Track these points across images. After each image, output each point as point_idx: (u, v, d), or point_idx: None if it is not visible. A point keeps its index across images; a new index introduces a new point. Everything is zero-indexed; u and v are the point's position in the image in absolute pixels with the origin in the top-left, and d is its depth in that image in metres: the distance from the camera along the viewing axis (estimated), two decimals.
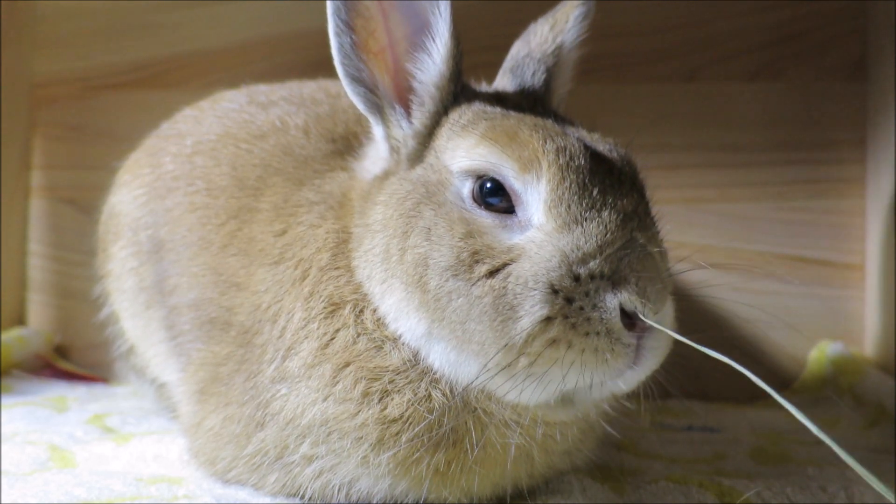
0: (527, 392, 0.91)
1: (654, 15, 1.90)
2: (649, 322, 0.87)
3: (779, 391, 1.86)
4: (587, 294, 0.87)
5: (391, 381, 0.97)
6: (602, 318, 0.86)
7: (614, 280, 0.87)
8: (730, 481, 1.12)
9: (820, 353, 1.81)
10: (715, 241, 1.86)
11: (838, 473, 1.15)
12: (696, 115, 1.89)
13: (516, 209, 0.93)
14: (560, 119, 1.04)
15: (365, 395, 0.96)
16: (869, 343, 1.82)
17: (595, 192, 0.91)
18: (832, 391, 1.72)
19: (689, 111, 1.89)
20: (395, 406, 0.96)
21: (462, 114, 1.02)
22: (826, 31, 1.87)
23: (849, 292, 1.85)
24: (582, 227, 0.89)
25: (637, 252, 0.89)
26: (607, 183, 0.93)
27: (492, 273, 0.90)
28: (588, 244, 0.88)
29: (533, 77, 1.14)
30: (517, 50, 1.18)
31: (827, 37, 1.87)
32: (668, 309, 0.92)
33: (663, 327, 0.89)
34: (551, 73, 1.15)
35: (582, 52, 1.20)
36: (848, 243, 1.85)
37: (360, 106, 1.04)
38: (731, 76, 1.89)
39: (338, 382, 0.97)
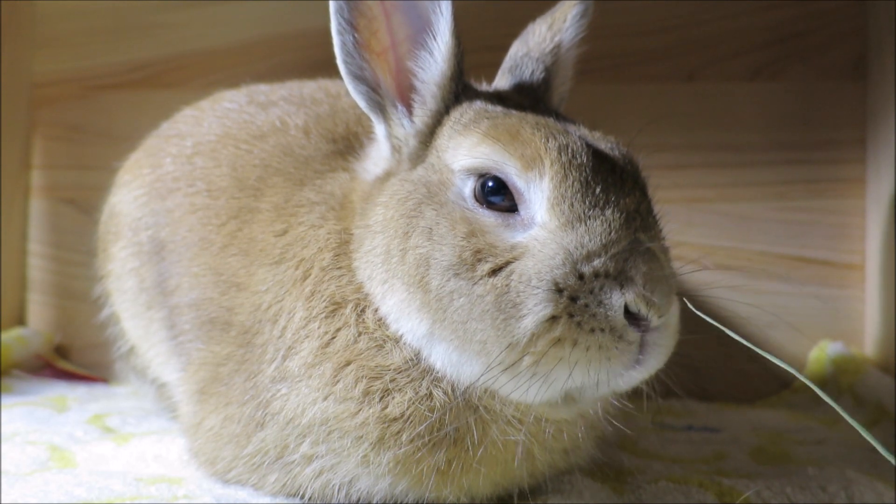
0: (531, 391, 0.91)
1: (654, 15, 1.90)
2: (655, 324, 0.87)
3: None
4: (592, 292, 0.87)
5: (392, 380, 0.96)
6: (607, 315, 0.86)
7: (620, 280, 0.87)
8: (730, 481, 1.12)
9: (820, 352, 1.81)
10: (715, 241, 1.87)
11: (838, 473, 1.15)
12: (696, 115, 1.89)
13: (519, 207, 0.93)
14: (561, 118, 1.04)
15: (366, 393, 0.96)
16: (869, 343, 1.82)
17: (598, 191, 0.91)
18: (832, 391, 1.72)
19: (689, 111, 1.89)
20: (396, 405, 0.96)
21: (463, 113, 1.02)
22: (826, 31, 1.87)
23: (849, 292, 1.85)
24: (586, 225, 0.89)
25: (642, 252, 0.89)
26: (610, 181, 0.93)
27: (494, 271, 0.90)
28: (592, 242, 0.88)
29: (532, 76, 1.14)
30: (516, 50, 1.18)
31: (827, 37, 1.87)
32: (674, 310, 0.92)
33: (667, 330, 0.89)
34: (550, 71, 1.15)
35: (581, 51, 1.20)
36: (848, 243, 1.85)
37: (363, 105, 1.04)
38: (731, 76, 1.89)
39: (338, 381, 0.97)
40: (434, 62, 1.01)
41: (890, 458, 0.72)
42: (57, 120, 2.05)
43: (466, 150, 0.96)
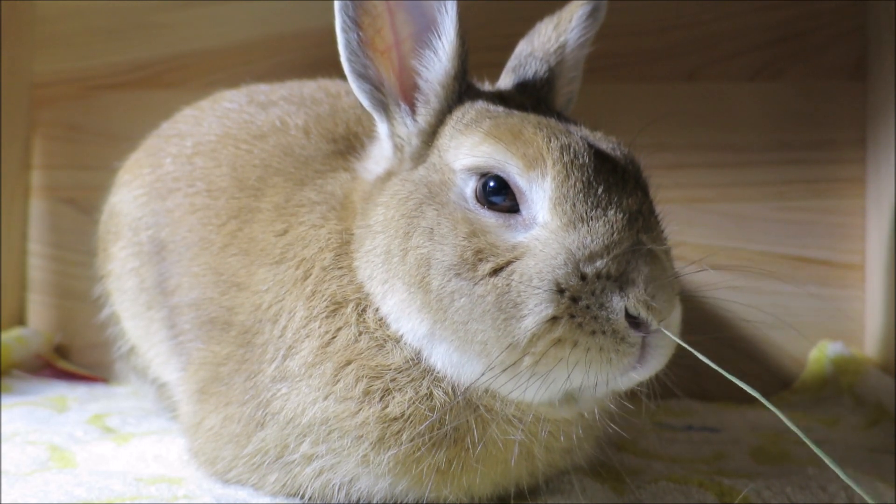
0: (531, 391, 0.91)
1: (654, 15, 1.90)
2: (655, 328, 0.87)
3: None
4: (594, 293, 0.87)
5: (393, 380, 0.96)
6: (609, 318, 0.86)
7: (621, 282, 0.87)
8: (730, 481, 1.12)
9: (820, 352, 1.81)
10: (715, 241, 1.87)
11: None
12: (696, 115, 1.89)
13: (520, 207, 0.93)
14: (563, 118, 1.04)
15: (366, 393, 0.96)
16: (869, 343, 1.82)
17: (600, 191, 0.91)
18: (832, 391, 1.72)
19: (689, 111, 1.89)
20: (397, 404, 0.96)
21: (465, 112, 1.02)
22: (826, 31, 1.87)
23: (849, 292, 1.85)
24: (588, 225, 0.89)
25: (644, 254, 0.88)
26: (612, 181, 0.93)
27: (495, 271, 0.90)
28: (595, 243, 0.88)
29: (535, 76, 1.14)
30: (521, 49, 1.18)
31: (827, 37, 1.87)
32: (675, 312, 0.91)
33: (669, 332, 0.89)
34: (554, 72, 1.15)
35: (588, 52, 1.19)
36: (848, 243, 1.85)
37: (366, 103, 1.04)
38: (731, 76, 1.89)
39: (339, 381, 0.97)
40: (438, 61, 1.01)
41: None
42: (57, 120, 2.05)
43: (468, 149, 0.96)
